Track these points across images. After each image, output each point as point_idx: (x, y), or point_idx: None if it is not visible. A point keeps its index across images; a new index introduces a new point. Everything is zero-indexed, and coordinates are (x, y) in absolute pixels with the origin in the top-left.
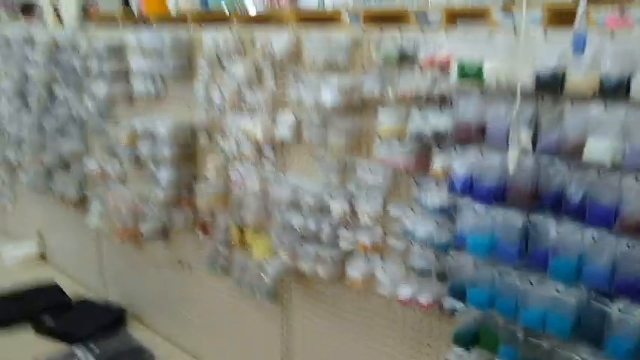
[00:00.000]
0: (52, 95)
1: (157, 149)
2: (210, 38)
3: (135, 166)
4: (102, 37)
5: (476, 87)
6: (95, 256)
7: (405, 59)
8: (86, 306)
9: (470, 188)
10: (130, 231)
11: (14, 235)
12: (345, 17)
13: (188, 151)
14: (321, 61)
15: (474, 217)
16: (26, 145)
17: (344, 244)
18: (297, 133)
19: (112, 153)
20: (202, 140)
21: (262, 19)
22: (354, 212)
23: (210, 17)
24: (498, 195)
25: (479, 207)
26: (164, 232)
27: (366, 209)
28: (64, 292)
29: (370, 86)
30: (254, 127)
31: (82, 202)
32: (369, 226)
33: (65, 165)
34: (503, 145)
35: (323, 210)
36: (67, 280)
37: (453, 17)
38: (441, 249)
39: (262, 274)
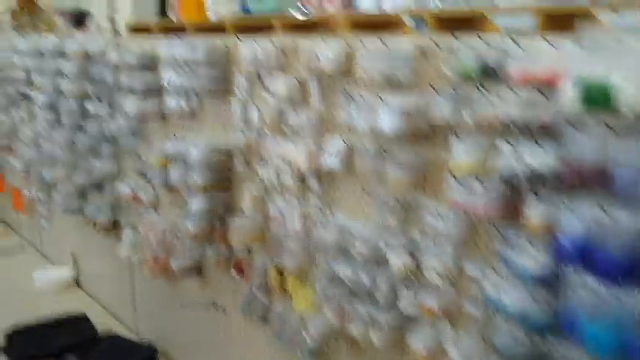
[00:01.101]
0: (84, 111)
1: (189, 175)
2: (249, 49)
3: (167, 192)
4: (134, 48)
5: (600, 115)
6: (128, 287)
7: (488, 74)
8: (115, 343)
9: (586, 256)
10: (161, 265)
11: (49, 255)
12: (408, 22)
13: (223, 178)
14: (378, 77)
15: (592, 297)
16: (59, 164)
17: (405, 307)
18: (347, 162)
19: (144, 176)
20: (238, 166)
21: (309, 27)
22: (418, 267)
23: (252, 24)
24: (631, 270)
25: (599, 283)
26: (197, 269)
27: (434, 264)
28: (92, 326)
29: (441, 109)
30: (297, 153)
31: (114, 228)
32: (437, 285)
33: (98, 186)
34: None
35: (379, 261)
36: (98, 310)
37: (553, 19)
38: (537, 329)
39: (304, 332)
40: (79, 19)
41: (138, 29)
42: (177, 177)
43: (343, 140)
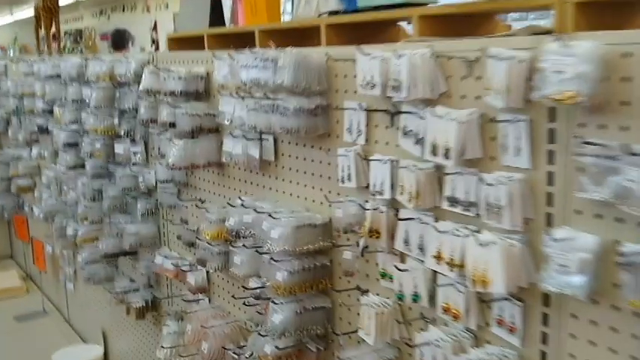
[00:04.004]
0: (111, 152)
1: (263, 267)
2: (368, 62)
3: (226, 277)
4: (179, 69)
5: None
6: None
7: None
8: None
9: None
10: None
11: (76, 325)
12: None
13: (320, 274)
14: None
15: None
16: (81, 219)
17: None
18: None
19: (192, 247)
20: (348, 259)
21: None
22: None
23: (363, 24)
24: None
25: None
26: None
27: None
28: None
29: None
30: (484, 254)
31: (153, 308)
32: None
33: (129, 253)
34: None
35: None
36: None
37: None
38: None
39: None
40: (119, 40)
41: (184, 41)
42: (242, 262)
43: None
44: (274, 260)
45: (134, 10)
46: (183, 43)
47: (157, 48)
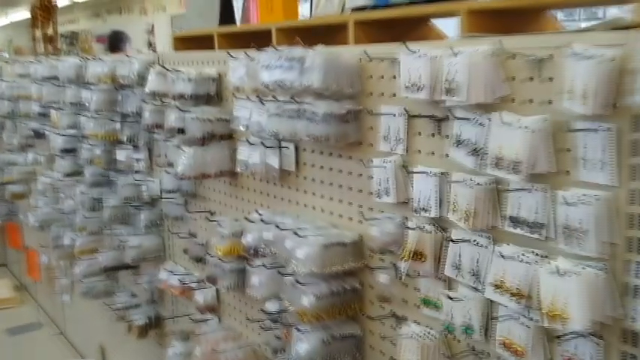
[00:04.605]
0: (111, 159)
1: (288, 291)
2: (414, 61)
3: (241, 296)
4: (188, 69)
5: None
6: None
7: None
8: None
9: None
10: None
11: (72, 338)
12: None
13: (349, 298)
14: None
15: None
16: (79, 229)
17: None
18: None
19: (201, 262)
20: (382, 283)
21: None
22: None
23: (392, 22)
24: None
25: None
26: None
27: None
28: None
29: None
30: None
31: (156, 326)
32: None
33: (130, 266)
34: None
35: None
36: None
37: None
38: None
39: None
40: (116, 41)
41: (191, 40)
42: (261, 283)
43: None
44: (299, 283)
45: (130, 13)
46: (190, 42)
47: (154, 51)
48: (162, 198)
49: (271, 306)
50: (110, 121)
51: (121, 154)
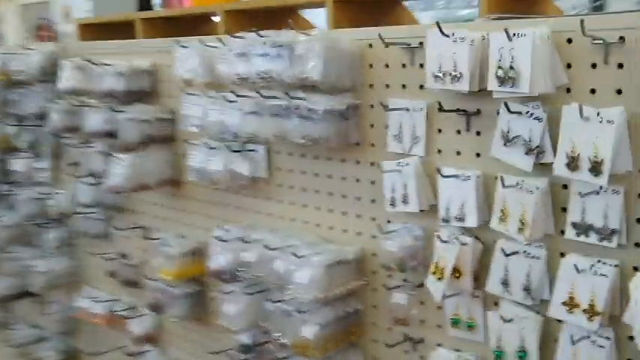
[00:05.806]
0: (4, 168)
1: (281, 322)
2: (449, 45)
3: (199, 326)
4: (113, 60)
5: None
6: None
7: None
8: None
9: None
10: None
11: None
12: None
13: (353, 322)
14: None
15: None
16: None
17: None
18: None
19: (133, 284)
20: (398, 302)
21: None
22: None
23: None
24: None
25: None
26: None
27: None
28: None
29: None
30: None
31: None
32: None
33: (31, 294)
34: None
35: None
36: None
37: None
38: None
39: None
40: None
41: (101, 28)
42: (239, 312)
43: None
44: (299, 312)
45: None
46: (100, 31)
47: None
48: (77, 213)
49: (242, 335)
50: (1, 124)
51: (17, 164)
